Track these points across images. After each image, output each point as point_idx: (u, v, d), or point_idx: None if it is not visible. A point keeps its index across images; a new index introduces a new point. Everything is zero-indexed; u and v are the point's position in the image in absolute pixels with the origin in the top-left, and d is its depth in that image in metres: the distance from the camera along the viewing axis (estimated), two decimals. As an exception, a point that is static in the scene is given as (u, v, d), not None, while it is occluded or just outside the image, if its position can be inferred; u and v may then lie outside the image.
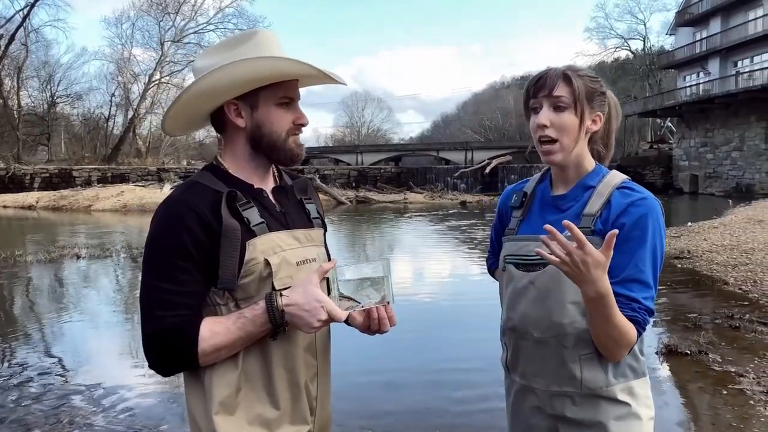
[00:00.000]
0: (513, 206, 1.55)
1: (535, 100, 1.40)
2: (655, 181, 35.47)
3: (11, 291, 8.32)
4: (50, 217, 21.33)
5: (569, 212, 1.40)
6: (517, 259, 1.44)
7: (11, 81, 44.38)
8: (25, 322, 6.61)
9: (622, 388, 1.36)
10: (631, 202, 1.34)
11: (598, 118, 1.42)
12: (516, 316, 1.43)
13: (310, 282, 1.24)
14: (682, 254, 9.78)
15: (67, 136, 49.13)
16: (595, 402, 1.35)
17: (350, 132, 74.48)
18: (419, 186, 32.89)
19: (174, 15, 45.04)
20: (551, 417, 1.41)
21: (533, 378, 1.43)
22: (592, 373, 1.35)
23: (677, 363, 4.62)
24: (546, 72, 1.41)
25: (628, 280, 1.29)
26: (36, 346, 5.48)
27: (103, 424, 3.64)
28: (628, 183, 1.40)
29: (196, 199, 1.27)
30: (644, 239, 1.31)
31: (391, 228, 17.65)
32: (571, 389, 1.36)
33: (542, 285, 1.37)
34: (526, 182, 1.59)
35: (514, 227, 1.51)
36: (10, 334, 6.04)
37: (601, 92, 1.41)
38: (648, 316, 1.30)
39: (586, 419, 1.36)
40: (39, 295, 8.18)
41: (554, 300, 1.35)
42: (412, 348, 5.21)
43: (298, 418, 1.34)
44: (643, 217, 1.32)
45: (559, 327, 1.35)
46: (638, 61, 51.08)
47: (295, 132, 1.36)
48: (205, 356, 1.23)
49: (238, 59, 1.26)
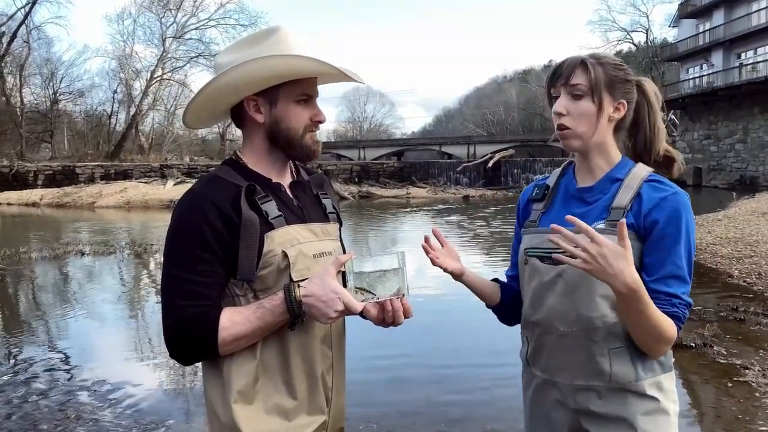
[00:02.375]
0: (534, 199, 1.53)
1: (555, 89, 1.40)
2: (658, 174, 35.40)
3: (16, 288, 8.36)
4: (54, 214, 21.39)
5: (597, 205, 1.38)
6: (541, 252, 1.41)
7: (14, 78, 44.43)
8: (31, 318, 6.64)
9: (650, 382, 1.34)
10: (664, 197, 1.32)
11: (622, 106, 1.39)
12: (542, 310, 1.41)
13: (327, 273, 1.25)
14: (686, 247, 9.75)
15: (69, 134, 49.14)
16: (623, 396, 1.34)
17: (352, 127, 74.46)
18: (422, 181, 32.84)
19: (175, 11, 45.00)
20: (573, 411, 1.39)
21: (557, 372, 1.40)
22: (621, 368, 1.33)
23: (682, 356, 4.61)
24: (566, 59, 1.40)
25: (667, 277, 1.28)
26: (42, 342, 5.51)
27: (109, 419, 3.66)
28: (655, 176, 1.38)
29: (217, 192, 1.29)
30: (679, 235, 1.29)
31: (393, 222, 17.65)
32: (599, 383, 1.34)
33: (571, 278, 1.35)
34: (547, 177, 1.57)
35: (535, 219, 1.49)
36: (16, 330, 6.08)
37: (625, 80, 1.39)
38: (687, 311, 1.29)
39: (611, 413, 1.34)
40: (44, 291, 8.22)
41: (583, 293, 1.33)
42: (416, 342, 5.22)
43: (314, 408, 1.36)
44: (675, 212, 1.30)
45: (588, 320, 1.33)
46: (641, 53, 50.86)
47: (312, 129, 1.39)
48: (225, 345, 1.25)
49: (258, 56, 1.28)
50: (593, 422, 1.37)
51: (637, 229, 1.32)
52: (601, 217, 1.35)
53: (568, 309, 1.36)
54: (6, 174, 32.27)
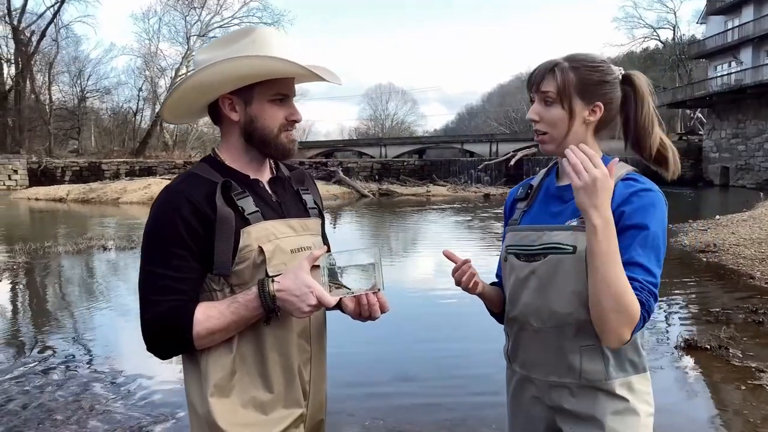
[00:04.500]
0: (518, 198, 1.56)
1: (531, 94, 1.43)
2: (684, 174, 34.76)
3: (39, 281, 8.55)
4: (80, 209, 21.81)
5: (572, 202, 1.38)
6: (518, 249, 1.43)
7: (43, 77, 45.41)
8: (51, 311, 6.79)
9: (621, 382, 1.34)
10: (634, 191, 1.32)
11: (598, 108, 1.38)
12: (517, 306, 1.43)
13: (300, 268, 1.27)
14: (708, 248, 9.59)
15: (96, 130, 50.11)
16: (593, 394, 1.34)
17: (374, 125, 74.56)
18: (443, 178, 32.75)
19: (200, 9, 45.61)
20: (549, 408, 1.41)
21: (533, 368, 1.42)
22: (592, 365, 1.33)
23: (696, 358, 4.55)
24: (540, 65, 1.41)
25: (629, 263, 1.25)
26: (61, 334, 5.63)
27: (121, 411, 3.73)
28: (634, 174, 1.38)
29: (192, 189, 1.32)
30: (645, 226, 1.28)
31: (411, 220, 17.63)
32: (570, 380, 1.36)
33: (543, 274, 1.36)
34: (533, 178, 1.59)
35: (517, 218, 1.51)
36: (37, 322, 6.23)
37: (601, 81, 1.38)
38: (652, 300, 1.26)
39: (583, 411, 1.35)
40: (65, 285, 8.40)
41: (555, 289, 1.34)
42: (426, 340, 5.23)
43: (291, 402, 1.38)
44: (644, 206, 1.30)
45: (559, 317, 1.34)
46: (668, 51, 50.02)
47: (287, 128, 1.40)
48: (199, 339, 1.27)
49: (231, 56, 1.30)
50: (566, 420, 1.38)
51: None
52: (576, 214, 1.35)
53: (541, 305, 1.37)
54: (35, 170, 33.01)
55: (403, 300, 6.82)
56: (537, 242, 1.39)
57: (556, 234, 1.36)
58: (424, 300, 6.85)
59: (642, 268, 1.27)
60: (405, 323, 5.95)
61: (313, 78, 1.42)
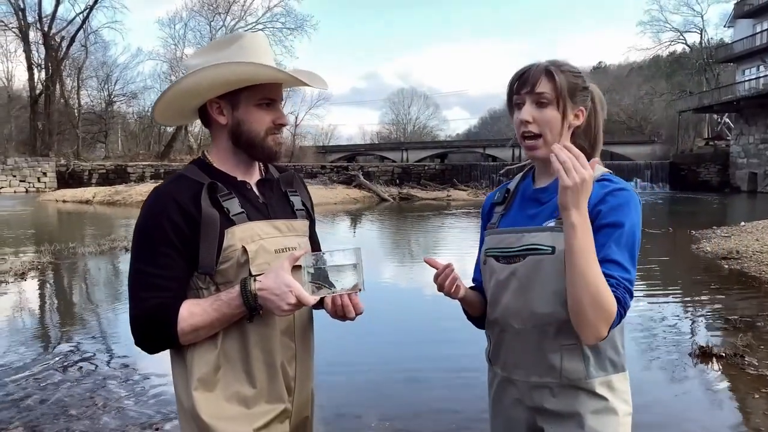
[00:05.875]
0: (496, 202, 1.58)
1: (518, 96, 1.41)
2: (710, 179, 34.19)
3: (62, 281, 8.75)
4: (105, 211, 22.24)
5: (549, 204, 1.41)
6: (498, 252, 1.45)
7: (72, 81, 46.39)
8: (71, 310, 6.96)
9: (601, 381, 1.35)
10: (609, 191, 1.33)
11: (581, 113, 1.42)
12: (498, 309, 1.44)
13: (281, 268, 1.30)
14: (730, 254, 9.43)
15: (123, 134, 51.08)
16: (574, 394, 1.35)
17: (396, 129, 74.60)
18: (463, 183, 32.67)
19: (224, 15, 46.24)
20: (530, 409, 1.42)
21: (514, 369, 1.44)
22: (572, 364, 1.35)
23: (710, 365, 4.48)
24: (528, 68, 1.41)
25: (605, 261, 1.26)
26: (81, 333, 5.76)
27: (134, 408, 3.81)
28: (608, 176, 1.39)
29: (179, 190, 1.36)
30: (620, 224, 1.30)
31: (430, 224, 17.61)
32: (551, 380, 1.37)
33: (523, 276, 1.38)
34: (510, 182, 1.61)
35: (495, 222, 1.53)
36: (58, 321, 6.39)
37: (583, 87, 1.42)
38: (628, 297, 1.27)
39: (564, 410, 1.36)
40: (87, 285, 8.58)
41: (535, 290, 1.36)
42: (437, 342, 5.23)
43: (274, 397, 1.41)
44: (619, 205, 1.31)
45: (540, 317, 1.36)
46: (695, 54, 49.16)
47: (274, 131, 1.43)
48: (184, 335, 1.32)
49: (216, 62, 1.34)
50: (548, 420, 1.39)
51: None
52: (552, 215, 1.37)
53: (521, 306, 1.39)
54: (63, 172, 33.75)
55: (416, 302, 6.83)
56: (516, 244, 1.40)
57: (535, 235, 1.37)
58: (436, 303, 6.84)
59: (618, 265, 1.28)
60: (416, 325, 5.97)
61: (298, 83, 1.45)
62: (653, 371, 4.47)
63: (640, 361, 4.65)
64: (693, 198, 28.18)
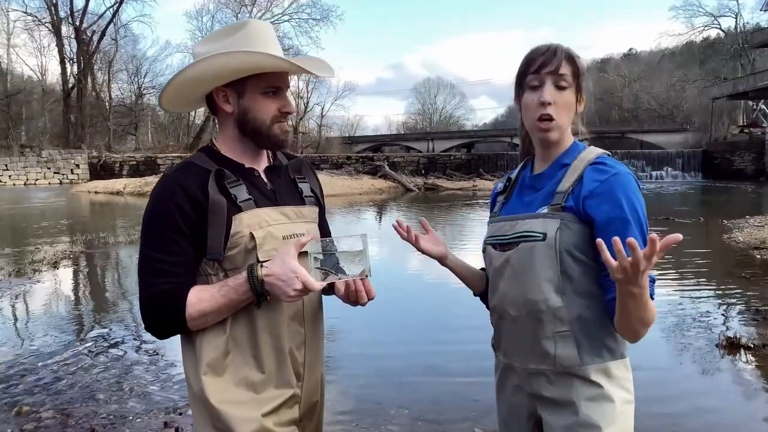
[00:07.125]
0: (499, 192, 1.58)
1: (536, 76, 1.35)
2: (745, 168, 33.32)
3: (93, 270, 8.97)
4: (135, 202, 22.66)
5: (544, 190, 1.40)
6: (495, 239, 1.46)
7: (103, 75, 47.28)
8: (100, 298, 7.13)
9: (597, 368, 1.33)
10: (603, 179, 1.30)
11: (583, 100, 1.43)
12: (496, 296, 1.45)
13: (287, 254, 1.31)
14: (763, 244, 9.20)
15: (153, 126, 51.90)
16: (569, 381, 1.34)
17: (422, 119, 74.29)
18: (490, 173, 32.38)
19: (250, 7, 46.49)
20: (530, 396, 1.42)
21: (513, 356, 1.44)
22: (565, 351, 1.33)
23: (738, 356, 4.39)
24: (548, 48, 1.37)
25: None
26: (110, 319, 5.91)
27: (159, 393, 3.90)
28: (603, 158, 1.36)
29: (187, 177, 1.38)
30: (625, 215, 1.27)
31: (455, 213, 17.54)
32: (546, 367, 1.36)
33: (516, 263, 1.37)
34: (513, 171, 1.60)
35: (497, 210, 1.54)
36: (87, 308, 6.56)
37: (585, 74, 1.41)
38: (654, 285, 1.25)
39: (559, 398, 1.35)
40: (117, 273, 8.78)
41: (529, 277, 1.35)
42: (457, 329, 5.22)
43: (282, 382, 1.43)
44: (615, 194, 1.28)
45: (533, 304, 1.35)
46: (729, 39, 47.84)
47: (280, 119, 1.43)
48: (192, 321, 1.34)
49: (222, 51, 1.35)
50: (545, 407, 1.39)
51: (576, 212, 1.32)
52: (546, 202, 1.37)
53: (516, 294, 1.38)
54: (95, 164, 34.48)
55: (440, 291, 6.83)
56: (510, 232, 1.40)
57: (527, 222, 1.37)
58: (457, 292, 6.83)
59: None
60: (438, 313, 5.97)
61: (302, 72, 1.46)
62: (682, 361, 4.41)
63: (668, 351, 4.59)
64: (726, 187, 27.50)
